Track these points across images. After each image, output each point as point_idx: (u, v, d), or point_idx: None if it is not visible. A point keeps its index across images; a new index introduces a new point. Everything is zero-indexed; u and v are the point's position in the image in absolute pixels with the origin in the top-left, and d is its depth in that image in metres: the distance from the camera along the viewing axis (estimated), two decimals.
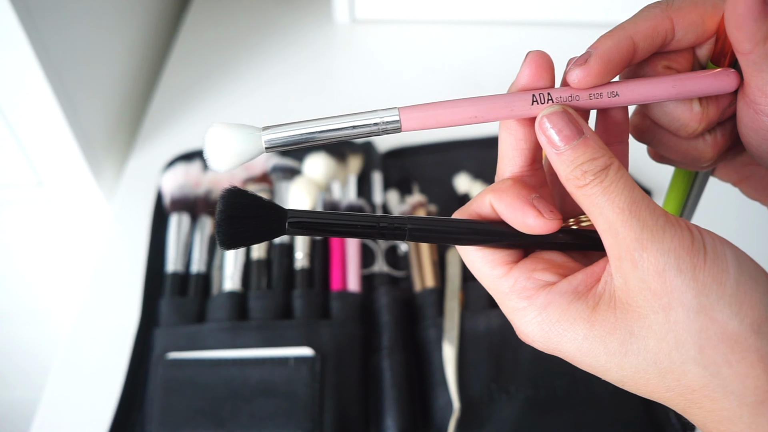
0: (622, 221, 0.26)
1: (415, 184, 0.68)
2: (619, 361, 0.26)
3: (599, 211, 0.26)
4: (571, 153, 0.27)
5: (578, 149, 0.27)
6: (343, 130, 0.28)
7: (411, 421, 0.52)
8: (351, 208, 0.62)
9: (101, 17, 0.72)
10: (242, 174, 0.66)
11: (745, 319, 0.24)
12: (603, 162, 0.27)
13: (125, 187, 0.71)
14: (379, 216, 0.29)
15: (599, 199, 0.26)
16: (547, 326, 0.28)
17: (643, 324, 0.25)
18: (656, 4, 0.31)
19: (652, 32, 0.30)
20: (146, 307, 0.59)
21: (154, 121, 0.78)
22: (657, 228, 0.25)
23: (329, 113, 0.28)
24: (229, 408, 0.51)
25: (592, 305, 0.27)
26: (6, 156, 0.65)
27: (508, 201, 0.29)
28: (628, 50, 0.30)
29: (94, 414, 0.54)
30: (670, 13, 0.30)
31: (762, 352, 0.24)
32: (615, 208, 0.26)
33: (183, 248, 0.61)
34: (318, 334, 0.55)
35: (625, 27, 0.30)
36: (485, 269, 0.30)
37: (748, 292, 0.25)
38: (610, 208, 0.26)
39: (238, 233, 0.27)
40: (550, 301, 0.28)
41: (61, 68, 0.61)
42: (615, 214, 0.26)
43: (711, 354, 0.24)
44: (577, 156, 0.27)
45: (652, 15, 0.30)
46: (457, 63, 0.85)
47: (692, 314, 0.25)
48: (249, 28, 0.91)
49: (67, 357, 0.58)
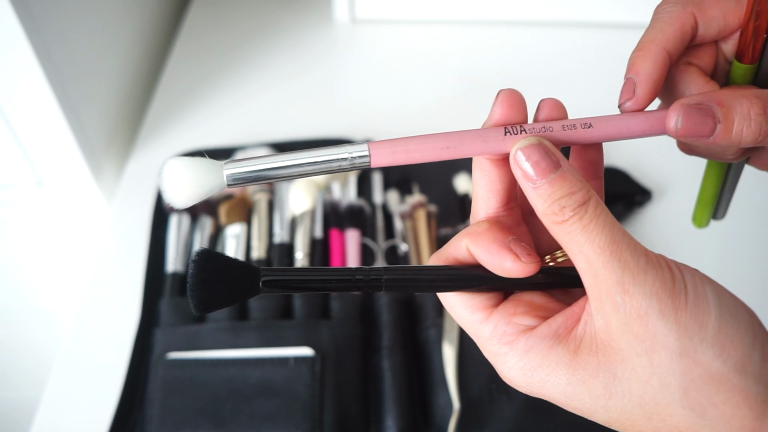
0: (603, 262, 0.25)
1: (415, 184, 0.68)
2: (604, 404, 0.26)
3: (578, 249, 0.26)
4: (548, 187, 0.26)
5: (555, 183, 0.26)
6: (310, 166, 0.27)
7: (411, 421, 0.52)
8: (351, 208, 0.62)
9: (102, 18, 0.72)
10: None
11: (728, 360, 0.24)
12: (581, 196, 0.26)
13: (125, 187, 0.71)
14: (354, 269, 0.28)
15: (578, 237, 0.26)
16: (529, 372, 0.27)
17: (626, 367, 0.25)
18: (675, 2, 0.31)
19: (681, 35, 0.30)
20: (146, 307, 0.59)
21: (154, 121, 0.78)
22: (638, 270, 0.25)
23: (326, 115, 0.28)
24: (229, 408, 0.51)
25: (574, 349, 0.26)
26: (6, 156, 0.65)
27: (485, 245, 0.29)
28: (666, 64, 0.30)
29: (94, 414, 0.54)
30: (692, 9, 0.30)
31: (746, 392, 0.24)
32: (595, 248, 0.25)
33: (183, 248, 0.61)
34: (318, 334, 0.55)
35: (654, 40, 0.30)
36: (465, 314, 0.30)
37: (730, 332, 0.25)
38: (590, 247, 0.25)
39: (212, 297, 0.27)
40: (530, 347, 0.27)
41: (61, 68, 0.61)
42: (595, 254, 0.25)
43: (696, 396, 0.24)
44: (554, 190, 0.26)
45: (677, 16, 0.30)
46: (457, 63, 0.85)
47: (675, 357, 0.24)
48: (249, 29, 0.91)
49: (68, 357, 0.58)
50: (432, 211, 0.64)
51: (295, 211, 0.62)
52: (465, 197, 0.66)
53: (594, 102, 0.78)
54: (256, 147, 0.69)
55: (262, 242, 0.60)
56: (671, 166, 0.71)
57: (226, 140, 0.74)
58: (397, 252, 0.63)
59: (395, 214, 0.64)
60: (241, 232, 0.61)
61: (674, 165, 0.71)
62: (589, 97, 0.79)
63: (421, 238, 0.61)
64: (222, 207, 0.62)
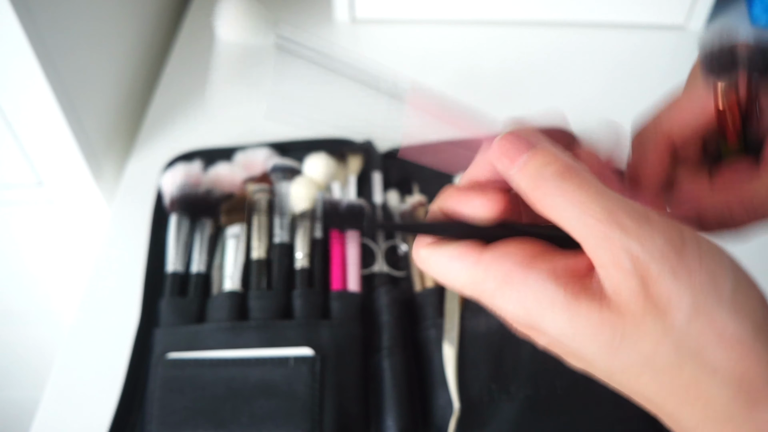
0: (604, 233, 0.24)
1: (415, 184, 0.68)
2: (605, 356, 0.25)
3: (575, 221, 0.25)
4: (522, 165, 0.26)
5: (531, 158, 0.26)
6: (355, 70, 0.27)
7: (411, 421, 0.52)
8: (351, 208, 0.62)
9: (101, 17, 0.72)
10: (243, 173, 0.66)
11: (744, 321, 0.24)
12: (559, 166, 0.25)
13: (125, 187, 0.71)
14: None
15: (571, 209, 0.25)
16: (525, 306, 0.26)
17: (636, 328, 0.24)
18: (647, 129, 0.32)
19: (663, 167, 0.32)
20: (146, 307, 0.59)
21: (154, 121, 0.78)
22: (642, 234, 0.24)
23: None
24: (229, 408, 0.51)
25: (573, 292, 0.25)
26: (6, 156, 0.65)
27: (454, 197, 0.29)
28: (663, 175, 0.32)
29: (94, 414, 0.54)
30: (663, 129, 0.31)
31: (761, 354, 0.24)
32: (590, 220, 0.24)
33: (183, 248, 0.61)
34: (318, 334, 0.55)
35: (642, 175, 0.32)
36: (455, 264, 0.28)
37: (746, 297, 0.24)
38: (585, 219, 0.24)
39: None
40: (527, 276, 0.26)
41: (61, 68, 0.61)
42: (593, 226, 0.24)
43: (710, 355, 0.24)
44: (528, 165, 0.26)
45: (654, 149, 0.32)
46: (457, 63, 0.85)
47: (691, 318, 0.24)
48: None
49: (68, 357, 0.58)
50: None
51: (295, 211, 0.62)
52: None
53: (593, 102, 0.79)
54: (257, 147, 0.69)
55: (262, 242, 0.60)
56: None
57: (226, 140, 0.74)
58: (397, 252, 0.63)
59: (395, 214, 0.64)
60: (241, 232, 0.61)
61: None
62: (589, 97, 0.79)
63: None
64: (222, 207, 0.62)
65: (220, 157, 0.69)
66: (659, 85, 0.54)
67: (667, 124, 0.32)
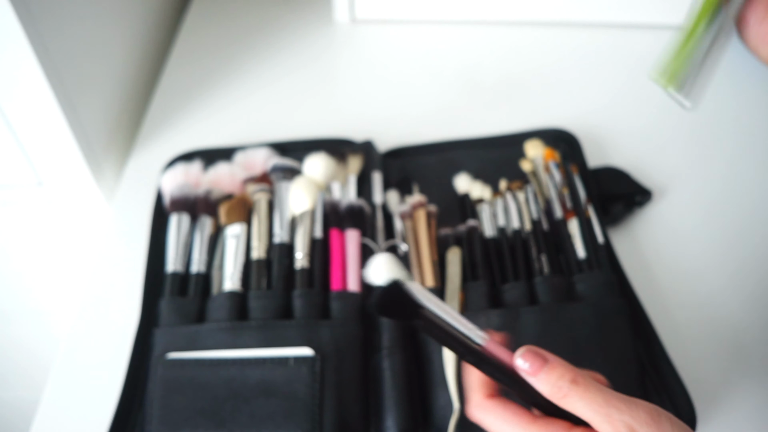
0: (606, 415, 0.35)
1: (415, 184, 0.68)
2: None
3: (583, 411, 0.36)
4: (545, 376, 0.37)
5: (549, 371, 0.37)
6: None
7: (411, 422, 0.52)
8: (351, 208, 0.62)
9: (101, 17, 0.72)
10: (243, 173, 0.66)
11: None
12: (570, 376, 0.36)
13: (125, 187, 0.71)
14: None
15: (579, 403, 0.36)
16: None
17: None
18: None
19: None
20: (146, 307, 0.59)
21: (154, 121, 0.79)
22: (631, 410, 0.35)
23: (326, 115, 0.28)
24: (229, 408, 0.51)
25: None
26: (6, 156, 0.65)
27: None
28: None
29: (94, 414, 0.54)
30: None
31: None
32: (595, 406, 0.35)
33: (183, 248, 0.61)
34: (318, 334, 0.54)
35: None
36: (512, 421, 0.38)
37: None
38: (590, 408, 0.35)
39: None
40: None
41: (60, 68, 0.61)
42: (596, 411, 0.35)
43: None
44: (550, 376, 0.37)
45: None
46: (457, 63, 0.85)
47: None
48: (249, 28, 0.91)
49: (67, 357, 0.58)
50: (432, 211, 0.64)
51: (295, 211, 0.62)
52: (465, 197, 0.66)
53: (593, 102, 0.79)
54: (257, 147, 0.69)
55: (262, 242, 0.60)
56: (671, 166, 0.71)
57: (226, 140, 0.74)
58: (397, 252, 0.63)
59: (395, 214, 0.64)
60: (241, 232, 0.61)
61: (674, 165, 0.71)
62: (589, 97, 0.79)
63: (421, 238, 0.61)
64: (222, 207, 0.62)
65: (220, 157, 0.69)
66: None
67: None
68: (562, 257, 0.60)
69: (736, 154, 0.72)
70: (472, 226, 0.62)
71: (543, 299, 0.56)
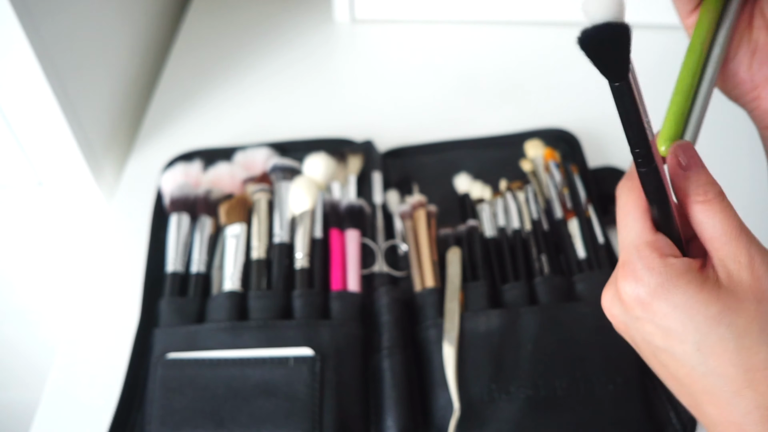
0: (737, 234, 0.34)
1: (415, 184, 0.68)
2: (709, 326, 0.33)
3: (715, 223, 0.34)
4: (695, 175, 0.35)
5: (701, 172, 0.35)
6: None
7: (411, 422, 0.52)
8: (351, 208, 0.62)
9: (101, 17, 0.72)
10: (242, 174, 0.66)
11: None
12: (719, 188, 0.35)
13: (125, 187, 0.71)
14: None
15: (718, 215, 0.34)
16: (665, 276, 0.34)
17: (740, 306, 0.33)
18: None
19: None
20: (146, 307, 0.59)
21: (154, 121, 0.78)
22: (758, 245, 0.34)
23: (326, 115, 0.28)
24: (229, 408, 0.51)
25: (701, 279, 0.34)
26: (5, 156, 0.65)
27: None
28: None
29: (93, 414, 0.54)
30: None
31: None
32: (731, 224, 0.34)
33: (183, 248, 0.61)
34: (318, 334, 0.54)
35: None
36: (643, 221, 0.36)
37: None
38: (728, 223, 0.34)
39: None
40: (673, 263, 0.35)
41: (60, 68, 0.61)
42: (731, 227, 0.34)
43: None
44: (700, 177, 0.35)
45: None
46: (457, 63, 0.85)
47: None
48: (248, 28, 0.91)
49: (67, 357, 0.58)
50: (432, 211, 0.64)
51: (295, 211, 0.62)
52: (465, 197, 0.66)
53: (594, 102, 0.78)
54: (257, 147, 0.69)
55: (262, 242, 0.60)
56: None
57: (226, 140, 0.74)
58: (397, 252, 0.63)
59: (395, 214, 0.64)
60: (241, 232, 0.61)
61: None
62: (589, 97, 0.79)
63: (421, 238, 0.61)
64: (222, 207, 0.62)
65: (219, 157, 0.69)
66: (660, 85, 0.54)
67: None
68: (562, 257, 0.60)
69: (736, 154, 0.72)
70: (472, 226, 0.62)
71: (543, 299, 0.56)
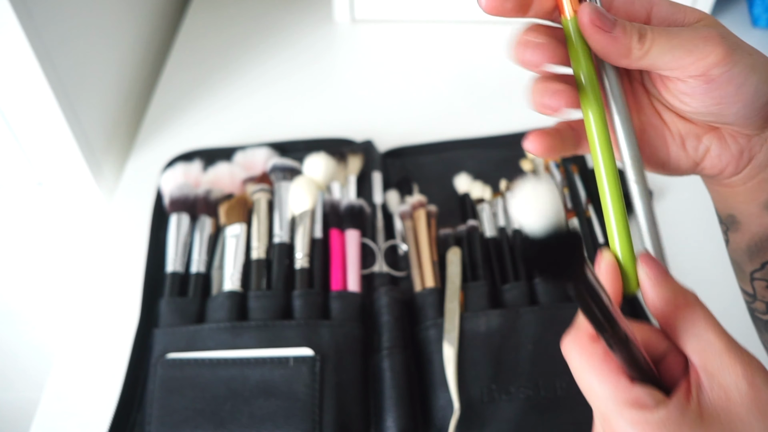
0: (725, 345, 0.30)
1: (415, 184, 0.68)
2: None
3: (696, 333, 0.30)
4: (666, 287, 0.31)
5: (670, 283, 0.31)
6: None
7: (411, 422, 0.52)
8: (351, 208, 0.62)
9: (101, 18, 0.72)
10: (242, 174, 0.66)
11: None
12: (693, 296, 0.31)
13: (125, 187, 0.71)
14: None
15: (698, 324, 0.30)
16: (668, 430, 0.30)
17: (745, 428, 0.28)
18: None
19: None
20: (146, 307, 0.59)
21: (154, 121, 0.78)
22: (746, 352, 0.30)
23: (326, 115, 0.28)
24: (229, 408, 0.51)
25: (698, 413, 0.29)
26: (6, 156, 0.65)
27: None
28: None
29: (93, 414, 0.54)
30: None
31: None
32: (715, 333, 0.30)
33: (183, 248, 0.61)
34: (318, 334, 0.54)
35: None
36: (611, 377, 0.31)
37: None
38: (711, 331, 0.30)
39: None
40: (668, 415, 0.29)
41: (60, 68, 0.61)
42: (716, 338, 0.30)
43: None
44: (670, 287, 0.31)
45: None
46: (457, 62, 0.85)
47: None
48: (248, 28, 0.91)
49: (67, 357, 0.58)
50: (432, 211, 0.64)
51: (295, 211, 0.62)
52: (465, 197, 0.66)
53: None
54: (256, 147, 0.69)
55: (262, 242, 0.60)
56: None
57: (226, 140, 0.74)
58: (397, 252, 0.63)
59: (395, 214, 0.64)
60: (241, 232, 0.61)
61: None
62: None
63: (421, 238, 0.61)
64: (222, 207, 0.62)
65: (219, 156, 0.69)
66: None
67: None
68: None
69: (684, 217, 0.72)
70: (473, 226, 0.62)
71: (543, 299, 0.56)
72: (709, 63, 0.30)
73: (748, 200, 0.35)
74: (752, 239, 0.37)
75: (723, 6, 0.93)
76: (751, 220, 0.36)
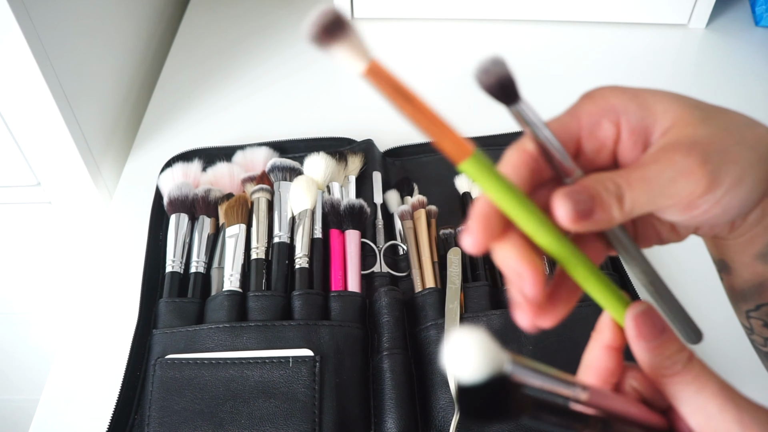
0: (719, 405, 0.28)
1: (415, 184, 0.68)
2: None
3: (690, 396, 0.29)
4: (659, 346, 0.29)
5: (667, 342, 0.29)
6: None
7: (411, 422, 0.52)
8: (351, 208, 0.62)
9: (99, 19, 0.72)
10: (242, 174, 0.66)
11: None
12: (688, 353, 0.29)
13: (124, 188, 0.71)
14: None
15: (691, 386, 0.29)
16: None
17: None
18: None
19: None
20: (145, 308, 0.59)
21: (153, 121, 0.78)
22: (752, 408, 0.28)
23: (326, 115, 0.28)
24: (228, 409, 0.51)
25: None
26: (4, 157, 0.64)
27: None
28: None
29: (93, 415, 0.54)
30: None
31: None
32: (712, 393, 0.28)
33: (182, 248, 0.61)
34: (318, 334, 0.54)
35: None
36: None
37: None
38: (707, 393, 0.28)
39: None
40: None
41: (59, 69, 0.61)
42: (709, 399, 0.28)
43: None
44: (665, 347, 0.29)
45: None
46: (456, 61, 0.84)
47: None
48: (247, 28, 0.91)
49: (66, 358, 0.58)
50: (432, 211, 0.64)
51: (294, 211, 0.61)
52: (465, 197, 0.66)
53: None
54: (256, 147, 0.69)
55: (262, 242, 0.60)
56: None
57: (225, 140, 0.74)
58: (398, 252, 0.62)
59: (395, 215, 0.64)
60: (241, 233, 0.60)
61: None
62: None
63: (421, 239, 0.61)
64: (221, 207, 0.62)
65: (219, 156, 0.69)
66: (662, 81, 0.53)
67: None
68: None
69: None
70: None
71: None
72: (693, 198, 0.28)
73: (740, 251, 0.34)
74: (744, 284, 0.36)
75: (725, 5, 0.93)
76: (743, 268, 0.35)
